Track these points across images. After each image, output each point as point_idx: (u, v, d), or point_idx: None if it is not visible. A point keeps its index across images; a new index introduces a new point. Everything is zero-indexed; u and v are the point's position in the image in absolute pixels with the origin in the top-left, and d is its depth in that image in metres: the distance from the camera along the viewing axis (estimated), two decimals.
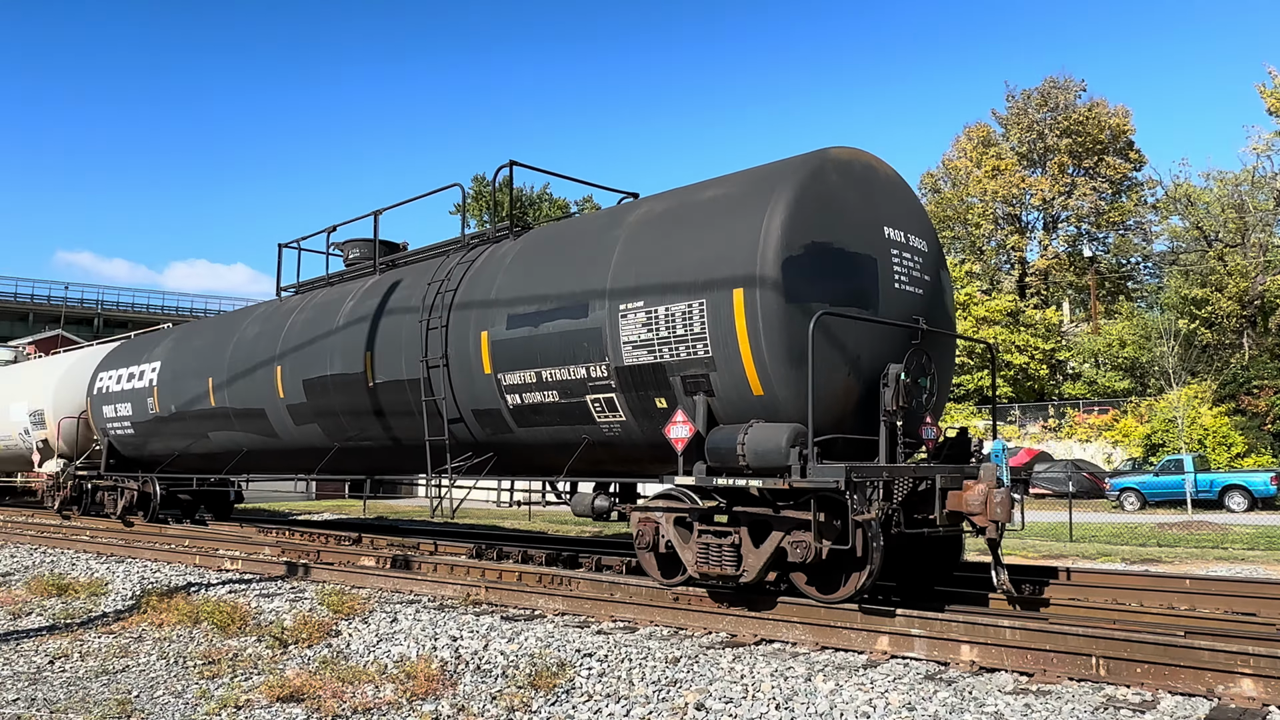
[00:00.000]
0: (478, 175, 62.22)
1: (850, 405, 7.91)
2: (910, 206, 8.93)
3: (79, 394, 19.53)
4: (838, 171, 8.28)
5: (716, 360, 7.92)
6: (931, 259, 8.94)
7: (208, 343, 15.66)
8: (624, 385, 8.69)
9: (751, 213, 7.94)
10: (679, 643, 7.11)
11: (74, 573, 11.76)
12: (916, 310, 8.49)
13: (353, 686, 6.58)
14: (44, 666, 7.55)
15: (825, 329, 7.58)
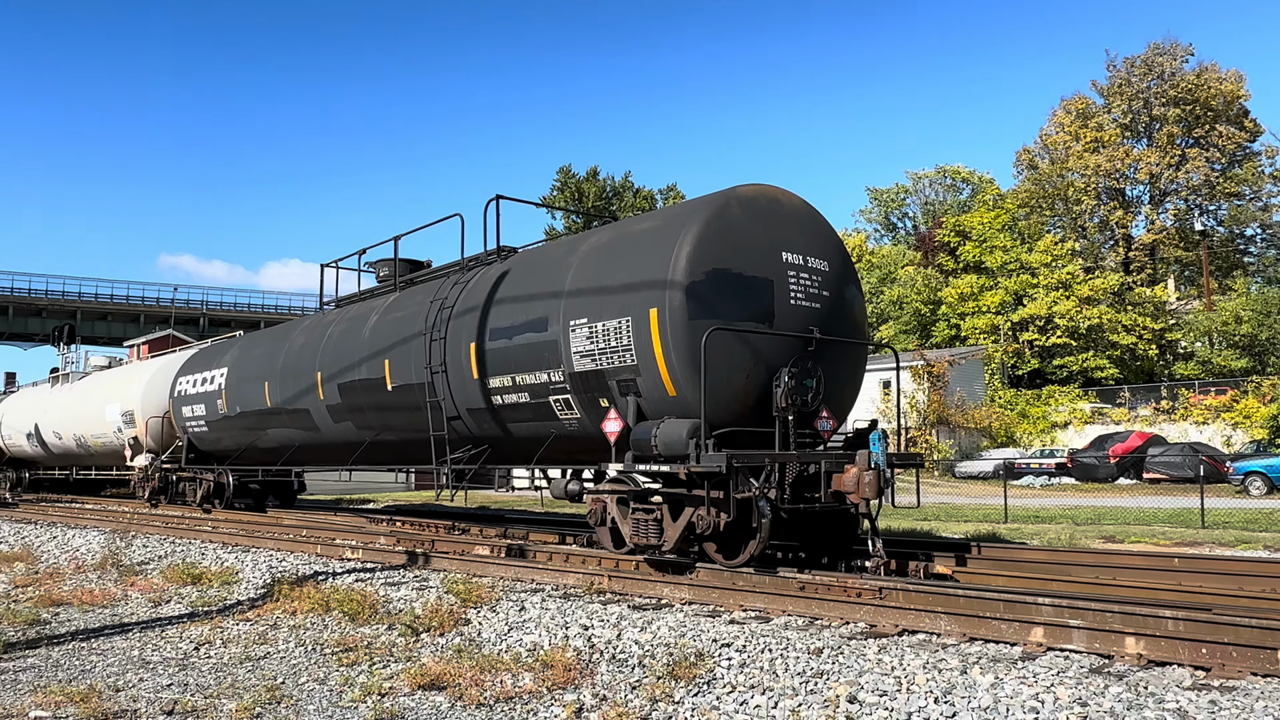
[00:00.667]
0: (563, 167, 62.83)
1: (749, 403, 9.39)
2: (813, 232, 10.25)
3: (163, 396, 21.71)
4: (741, 207, 9.74)
5: (640, 367, 9.48)
6: (832, 276, 10.25)
7: (264, 351, 17.71)
8: (576, 388, 10.30)
9: (666, 245, 9.50)
10: (818, 633, 6.91)
11: (204, 562, 12.15)
12: (813, 322, 9.86)
13: (491, 675, 6.57)
14: (190, 653, 7.77)
15: (723, 340, 9.08)
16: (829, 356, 10.03)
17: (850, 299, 10.53)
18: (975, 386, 46.74)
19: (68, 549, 14.66)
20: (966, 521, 18.62)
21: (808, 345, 9.74)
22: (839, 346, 10.23)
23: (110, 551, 13.16)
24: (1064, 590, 8.49)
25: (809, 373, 9.68)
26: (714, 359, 8.94)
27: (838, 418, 10.38)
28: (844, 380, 10.40)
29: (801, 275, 9.90)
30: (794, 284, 9.82)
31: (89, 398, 25.02)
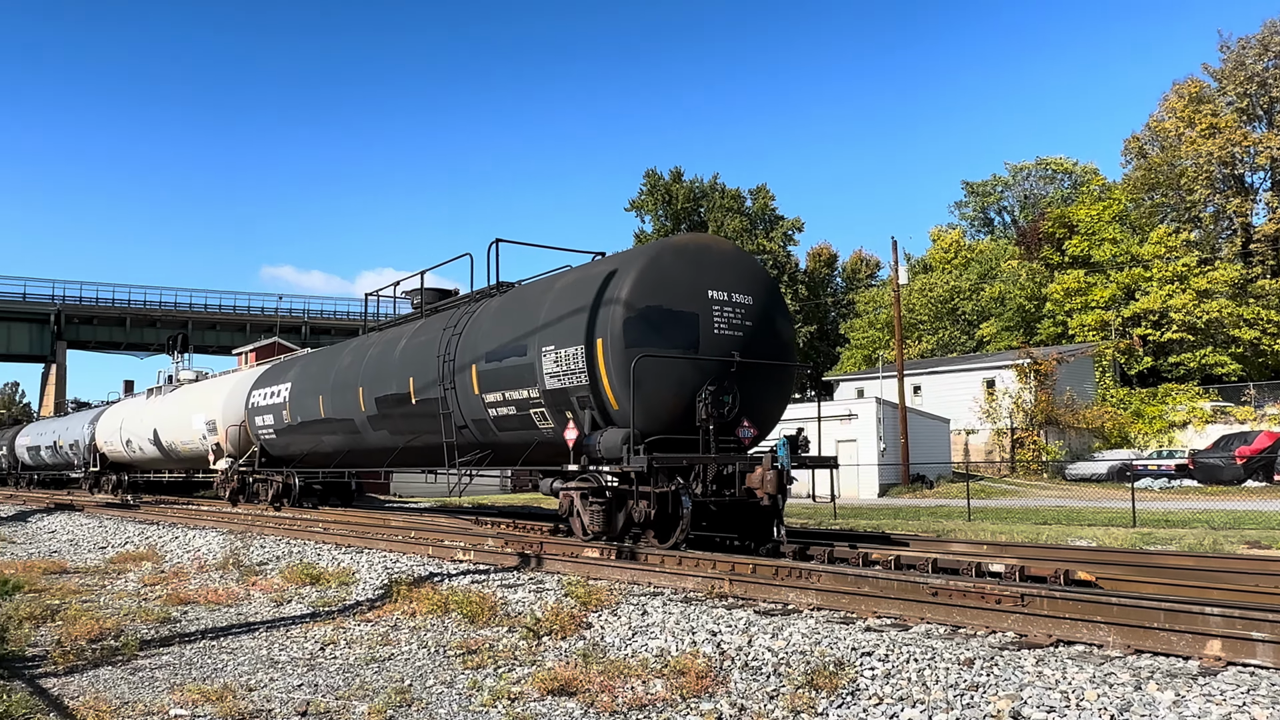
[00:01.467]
0: (649, 170, 62.81)
1: (677, 415, 11.22)
2: (739, 272, 12.03)
3: (240, 407, 24.30)
4: (673, 254, 11.69)
5: (591, 386, 11.43)
6: (757, 309, 11.98)
7: (320, 369, 20.30)
8: (548, 403, 12.30)
9: (612, 286, 11.43)
10: (964, 642, 6.50)
11: (321, 562, 12.31)
12: (735, 347, 11.64)
13: (621, 681, 6.37)
14: (316, 653, 7.79)
15: (652, 364, 10.94)
16: (750, 376, 11.80)
17: (777, 327, 12.32)
18: (1085, 385, 44.85)
19: (189, 549, 15.09)
20: (1090, 525, 17.72)
21: (729, 367, 11.53)
22: (760, 367, 11.93)
23: (230, 552, 13.47)
24: (1226, 599, 7.88)
25: (725, 390, 11.43)
26: (645, 379, 10.89)
27: (759, 427, 12.02)
28: (767, 395, 12.13)
29: (725, 309, 11.69)
30: (718, 316, 11.63)
31: (178, 408, 27.74)
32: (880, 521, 19.78)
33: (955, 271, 61.49)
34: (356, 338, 20.85)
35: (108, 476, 33.67)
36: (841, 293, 70.03)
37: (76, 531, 19.68)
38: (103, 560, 14.62)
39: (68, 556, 15.50)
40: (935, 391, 44.68)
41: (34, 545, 17.80)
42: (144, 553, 14.81)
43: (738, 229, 56.91)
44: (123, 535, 17.85)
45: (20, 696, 6.23)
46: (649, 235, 59.87)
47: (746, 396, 11.71)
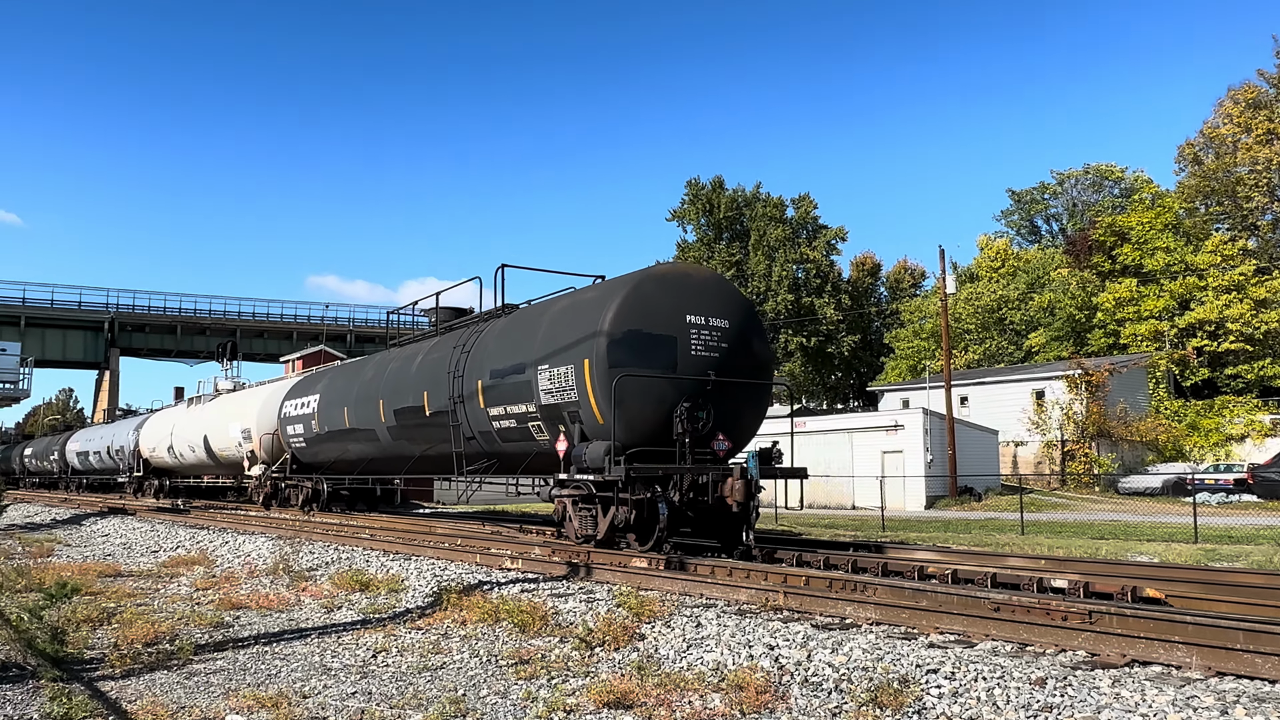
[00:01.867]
0: (691, 180, 62.62)
1: (656, 429, 12.03)
2: (716, 298, 12.86)
3: (272, 417, 25.19)
4: (654, 282, 12.59)
5: (580, 402, 12.36)
6: (733, 332, 12.79)
7: (345, 382, 21.32)
8: (544, 417, 13.24)
9: (597, 312, 12.38)
10: (1034, 660, 6.28)
11: (370, 569, 12.31)
12: (711, 367, 12.46)
13: (678, 694, 6.24)
14: (368, 660, 7.76)
15: (633, 383, 11.82)
16: (725, 393, 12.59)
17: (753, 348, 13.12)
18: (1138, 397, 43.83)
19: (239, 554, 15.24)
20: (1149, 540, 17.23)
21: (705, 385, 12.37)
22: (735, 385, 12.75)
23: (280, 557, 13.55)
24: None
25: (700, 406, 12.23)
26: (626, 397, 11.80)
27: (734, 440, 12.85)
28: (742, 411, 12.92)
29: (703, 332, 12.56)
30: (695, 339, 12.48)
31: (216, 417, 28.88)
32: (930, 534, 19.42)
33: (1003, 280, 60.55)
34: (379, 353, 22.10)
35: (150, 481, 35.19)
36: (885, 302, 69.30)
37: (129, 535, 19.99)
38: (155, 564, 14.82)
39: (121, 560, 15.74)
40: (983, 402, 43.96)
41: (89, 548, 18.13)
42: (195, 557, 14.99)
43: (780, 238, 56.52)
44: (174, 539, 18.10)
45: (80, 700, 6.26)
46: (691, 245, 59.65)
47: (721, 412, 12.60)
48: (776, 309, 55.21)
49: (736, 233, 60.06)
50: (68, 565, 14.37)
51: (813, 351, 58.68)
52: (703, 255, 58.29)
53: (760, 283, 55.48)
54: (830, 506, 33.33)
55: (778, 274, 55.58)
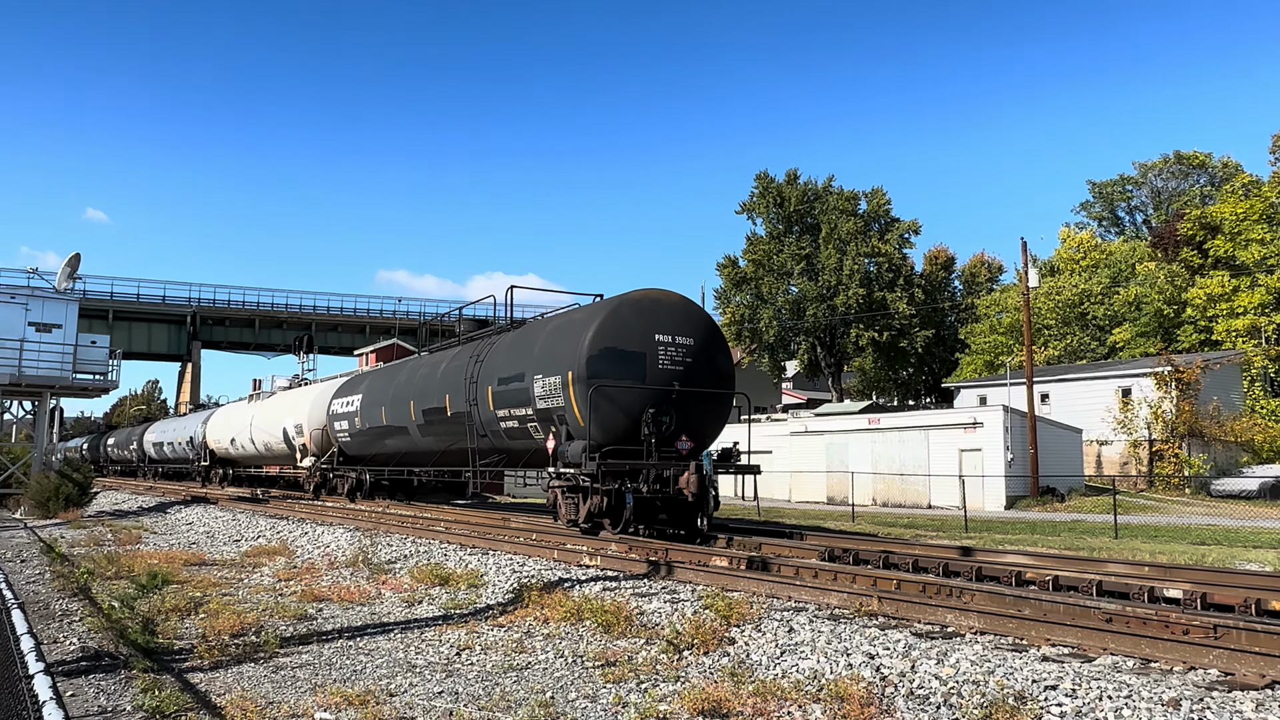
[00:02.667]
0: (760, 173, 61.83)
1: (628, 431, 13.92)
2: (683, 318, 14.73)
3: (322, 413, 27.37)
4: (629, 306, 14.51)
5: (565, 408, 14.36)
6: (696, 347, 14.67)
7: (384, 384, 23.55)
8: (539, 419, 15.26)
9: (580, 331, 14.39)
10: (1161, 679, 5.84)
11: (449, 563, 12.28)
12: (676, 379, 14.37)
13: (776, 704, 5.96)
14: (452, 658, 7.64)
15: (606, 392, 13.82)
16: (688, 401, 14.44)
17: (715, 362, 14.96)
18: (1232, 395, 41.92)
19: (319, 545, 15.37)
20: (1256, 547, 16.34)
21: (670, 394, 14.27)
22: (696, 394, 14.61)
23: (359, 549, 13.61)
24: None
25: (664, 412, 14.13)
26: (600, 404, 13.83)
27: (696, 440, 14.45)
28: (703, 416, 14.71)
29: (669, 348, 14.45)
30: (663, 354, 14.38)
31: (273, 412, 31.44)
32: (1016, 536, 18.75)
33: (1085, 274, 58.57)
34: (412, 359, 24.98)
35: (216, 470, 38.40)
36: (960, 297, 67.60)
37: (212, 524, 20.41)
38: (238, 553, 15.03)
39: (205, 548, 16.02)
40: (1065, 400, 42.54)
41: (174, 536, 18.56)
42: (276, 547, 15.17)
43: (851, 231, 55.42)
44: (255, 529, 18.40)
45: (170, 693, 6.24)
46: (760, 239, 58.96)
47: (684, 417, 14.45)
48: (847, 303, 54.27)
49: (807, 226, 59.13)
50: (155, 553, 14.68)
51: (884, 347, 57.53)
52: (772, 249, 57.58)
53: (831, 276, 54.59)
54: (906, 505, 32.58)
55: (849, 268, 54.58)
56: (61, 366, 26.95)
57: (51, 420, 31.79)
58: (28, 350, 26.44)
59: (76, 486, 25.33)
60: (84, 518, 22.95)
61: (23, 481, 26.99)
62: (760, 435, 40.51)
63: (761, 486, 33.70)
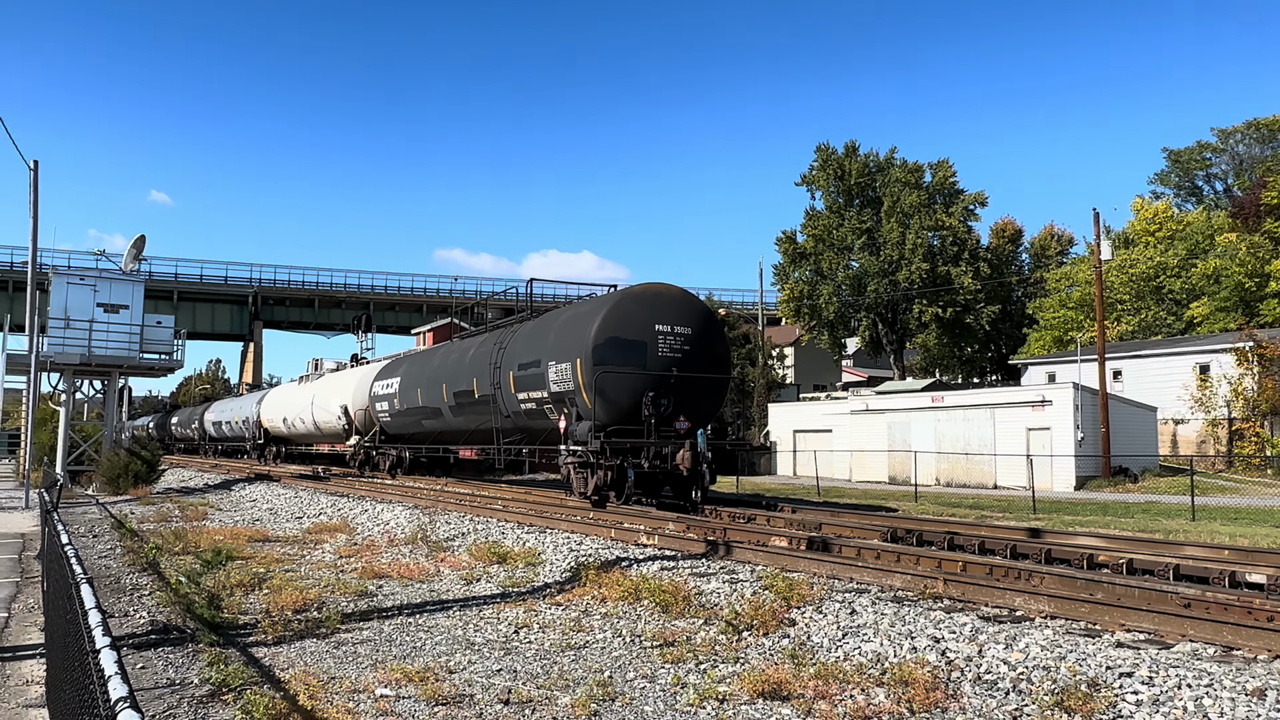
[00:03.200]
0: (821, 145, 60.87)
1: (631, 412, 15.67)
2: (681, 309, 16.53)
3: (365, 394, 29.53)
4: (631, 299, 16.36)
5: (575, 391, 16.06)
6: (694, 336, 16.41)
7: (420, 368, 25.46)
8: (553, 401, 16.99)
9: (588, 322, 16.22)
10: (1245, 668, 5.64)
11: (506, 541, 12.40)
12: (674, 364, 16.11)
13: (838, 687, 5.90)
14: (510, 636, 7.71)
15: (611, 377, 15.61)
16: (685, 385, 16.21)
17: (711, 349, 16.78)
18: None
19: (379, 522, 15.67)
20: None
21: (669, 379, 16.04)
22: (694, 379, 16.37)
23: (418, 527, 13.82)
24: None
25: (663, 395, 15.87)
26: (605, 388, 15.69)
27: (694, 420, 16.08)
28: (700, 398, 16.41)
29: (668, 337, 16.25)
30: (662, 343, 16.17)
31: (321, 393, 33.79)
32: (1087, 518, 18.31)
33: (1160, 246, 56.73)
34: (445, 344, 26.67)
35: (270, 448, 40.62)
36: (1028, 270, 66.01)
37: (275, 501, 20.93)
38: (300, 530, 15.38)
39: (268, 525, 16.42)
40: (1138, 377, 41.37)
41: (238, 512, 19.04)
42: (337, 524, 15.48)
43: (915, 204, 54.30)
44: (316, 506, 18.83)
45: (235, 667, 6.40)
46: (819, 213, 58.13)
47: (682, 399, 16.23)
48: (910, 278, 53.34)
49: (868, 199, 58.11)
50: (220, 529, 15.09)
51: (949, 323, 56.45)
52: (832, 223, 56.77)
53: (893, 251, 53.64)
54: (970, 485, 32.06)
55: (912, 241, 53.59)
56: (129, 346, 27.70)
57: (120, 399, 32.93)
58: (96, 330, 27.17)
59: (145, 464, 26.30)
60: (152, 494, 23.69)
61: (94, 459, 28.03)
62: (820, 414, 40.16)
63: (822, 465, 33.41)
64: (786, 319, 60.97)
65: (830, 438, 38.41)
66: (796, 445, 40.07)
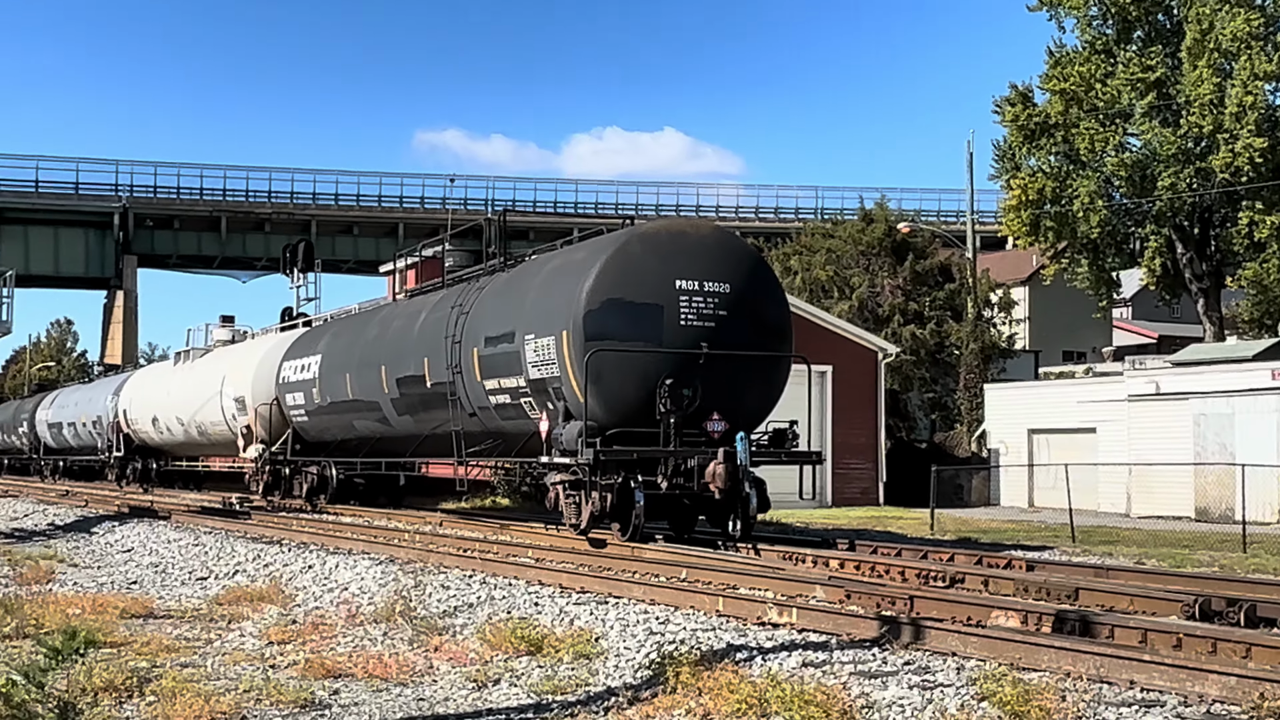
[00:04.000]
0: None
1: (640, 408, 16.34)
2: (715, 258, 17.32)
3: (271, 381, 28.38)
4: (641, 242, 17.03)
5: (562, 379, 16.40)
6: (733, 296, 17.17)
7: (348, 341, 25.00)
8: (533, 391, 17.62)
9: (578, 277, 16.66)
10: None
11: (540, 617, 11.42)
12: (705, 338, 16.65)
13: None
14: None
15: (612, 358, 16.18)
16: (721, 367, 16.51)
17: (761, 314, 17.24)
18: None
19: (331, 585, 14.60)
20: None
21: (696, 359, 16.35)
22: (735, 359, 16.64)
23: (396, 593, 13.87)
24: None
25: (686, 383, 15.95)
26: (604, 373, 15.73)
27: (733, 421, 16.37)
28: (744, 387, 16.74)
29: (695, 299, 16.55)
30: (685, 307, 16.57)
31: (207, 379, 31.93)
32: None
33: None
34: (385, 305, 26.31)
35: (133, 463, 39.28)
36: None
37: (162, 550, 19.64)
38: (204, 599, 14.30)
39: (153, 590, 15.21)
40: None
41: (104, 570, 17.81)
42: (263, 589, 14.26)
43: (1244, 33, 52.53)
44: (229, 559, 17.61)
45: None
46: (1073, 53, 56.31)
47: (715, 388, 16.35)
48: (1234, 165, 51.84)
49: (1157, 29, 56.36)
50: (76, 598, 13.91)
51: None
52: (1096, 71, 54.91)
53: (1204, 115, 51.23)
54: None
55: (1237, 98, 51.57)
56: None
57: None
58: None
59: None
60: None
61: None
62: (1073, 401, 38.44)
63: (1083, 491, 32.66)
64: (1015, 239, 59.48)
65: (1091, 442, 37.07)
66: (1034, 454, 39.20)
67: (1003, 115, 49.62)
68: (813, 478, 17.56)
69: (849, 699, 7.64)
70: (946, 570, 14.16)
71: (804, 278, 45.42)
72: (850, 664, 8.64)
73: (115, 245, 69.53)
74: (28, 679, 8.85)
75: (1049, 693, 7.42)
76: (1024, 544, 19.42)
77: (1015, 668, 8.24)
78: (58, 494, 35.15)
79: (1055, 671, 8.23)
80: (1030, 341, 55.69)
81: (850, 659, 8.80)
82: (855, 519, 27.44)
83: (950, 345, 43.33)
